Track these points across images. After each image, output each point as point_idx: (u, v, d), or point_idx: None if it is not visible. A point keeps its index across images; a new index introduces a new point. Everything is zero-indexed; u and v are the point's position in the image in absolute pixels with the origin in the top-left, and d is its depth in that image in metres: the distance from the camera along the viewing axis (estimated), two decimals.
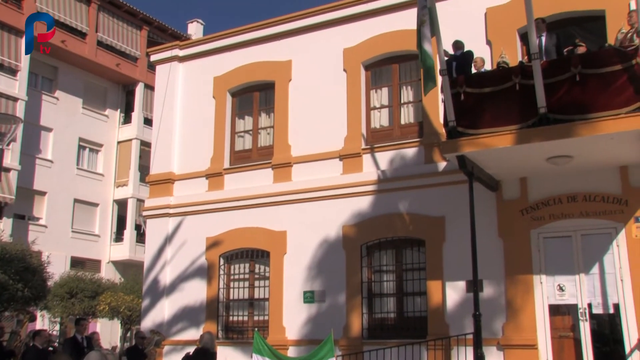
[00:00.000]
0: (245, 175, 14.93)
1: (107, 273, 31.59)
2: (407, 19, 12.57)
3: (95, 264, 31.98)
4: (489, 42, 12.69)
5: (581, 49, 10.46)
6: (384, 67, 14.13)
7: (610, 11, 11.56)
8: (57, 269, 24.66)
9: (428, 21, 10.37)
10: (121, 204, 33.66)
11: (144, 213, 16.57)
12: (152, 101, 26.65)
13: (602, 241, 11.07)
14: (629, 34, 9.97)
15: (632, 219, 10.80)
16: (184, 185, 15.70)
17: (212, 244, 14.87)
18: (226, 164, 15.33)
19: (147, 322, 15.16)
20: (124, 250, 32.77)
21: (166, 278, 15.26)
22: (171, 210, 15.56)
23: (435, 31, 10.39)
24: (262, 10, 64.87)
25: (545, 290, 11.32)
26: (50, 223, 30.15)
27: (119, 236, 33.33)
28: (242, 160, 15.33)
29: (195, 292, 14.82)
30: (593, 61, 9.77)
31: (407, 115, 13.74)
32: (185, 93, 16.34)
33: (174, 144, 16.06)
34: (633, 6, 10.18)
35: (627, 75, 9.39)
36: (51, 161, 30.70)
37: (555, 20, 11.91)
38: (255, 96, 15.60)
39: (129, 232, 32.94)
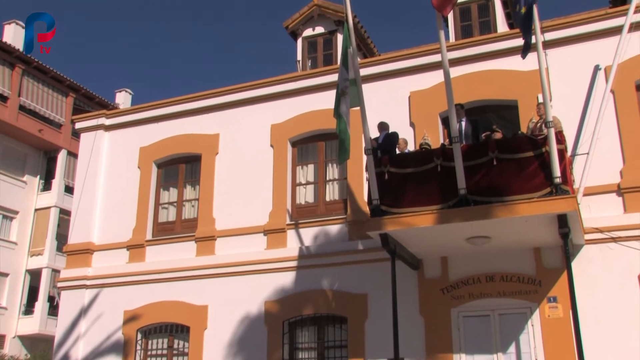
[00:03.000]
0: (168, 248, 14.66)
1: (12, 349, 29.67)
2: (334, 99, 12.94)
3: None
4: (412, 124, 13.19)
5: (498, 135, 11.02)
6: (310, 144, 14.41)
7: (522, 102, 12.34)
8: None
9: (349, 94, 10.79)
10: (34, 274, 32.08)
11: (59, 284, 15.89)
12: (74, 169, 26.02)
13: (518, 321, 11.33)
14: (539, 124, 10.63)
15: (545, 300, 11.15)
16: (103, 256, 15.23)
17: (130, 318, 14.34)
18: (148, 236, 15.03)
19: None
20: (33, 324, 30.97)
21: (79, 353, 14.53)
22: (88, 282, 15.00)
23: (360, 104, 10.75)
24: (192, 83, 65.35)
25: None
26: None
27: (29, 308, 31.54)
28: (165, 232, 15.08)
29: None
30: (508, 147, 10.28)
31: (332, 193, 13.96)
32: (110, 162, 16.08)
33: (95, 213, 15.66)
34: (541, 99, 10.88)
35: (538, 162, 9.92)
36: None
37: (473, 107, 12.57)
38: (181, 168, 15.52)
39: (41, 304, 31.27)
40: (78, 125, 16.69)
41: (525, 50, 10.13)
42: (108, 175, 15.96)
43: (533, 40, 9.89)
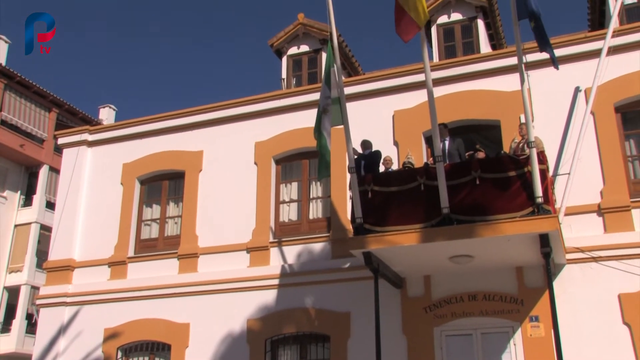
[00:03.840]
0: (150, 265, 14.55)
1: None
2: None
3: None
4: (396, 143, 13.27)
5: (481, 154, 11.13)
6: (294, 162, 14.43)
7: (504, 122, 12.48)
8: None
9: (331, 112, 10.85)
10: (12, 291, 31.57)
11: (38, 301, 15.68)
12: (56, 184, 25.74)
13: (500, 340, 11.35)
14: (521, 144, 10.75)
15: (527, 319, 11.20)
16: (84, 273, 15.07)
17: (110, 336, 14.18)
18: (130, 253, 14.92)
19: None
20: (10, 342, 30.40)
21: None
22: (68, 299, 14.83)
23: (344, 122, 10.81)
24: (176, 100, 65.28)
25: None
26: None
27: (5, 327, 31.00)
28: (148, 249, 14.98)
29: None
30: (491, 166, 10.37)
31: (315, 211, 13.96)
32: (92, 178, 15.98)
33: (77, 229, 15.52)
34: (523, 119, 11.01)
35: (520, 182, 10.01)
36: None
37: (457, 127, 12.68)
38: (164, 185, 15.46)
39: (19, 322, 30.73)
40: (61, 141, 16.59)
41: (554, 61, 10.27)
42: (90, 191, 15.85)
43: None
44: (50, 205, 30.65)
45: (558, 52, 12.50)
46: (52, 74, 59.38)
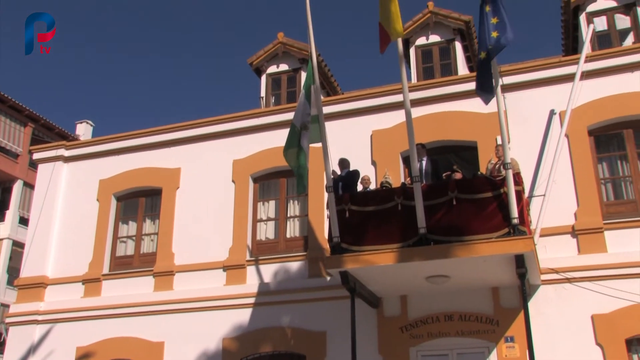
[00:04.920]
0: (125, 282, 14.39)
1: None
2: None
3: None
4: (374, 163, 13.33)
5: (458, 175, 11.22)
6: (272, 181, 14.43)
7: (481, 143, 12.62)
8: None
9: (310, 129, 10.91)
10: None
11: (8, 319, 15.38)
12: (30, 200, 25.45)
13: None
14: (497, 165, 10.87)
15: (502, 339, 11.24)
16: (57, 291, 14.85)
17: (83, 355, 13.95)
18: (105, 270, 14.75)
19: None
20: None
21: None
22: (40, 317, 14.58)
23: (322, 141, 10.87)
24: (155, 116, 65.02)
25: None
26: None
27: None
28: (123, 266, 14.82)
29: None
30: (468, 187, 10.45)
31: (292, 229, 13.94)
32: (68, 194, 15.81)
33: (51, 246, 15.31)
34: (500, 141, 11.15)
35: (496, 203, 10.10)
36: None
37: (434, 147, 12.79)
38: (141, 201, 15.35)
39: None
40: (36, 156, 16.42)
41: (486, 94, 10.18)
42: (65, 208, 15.67)
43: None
44: (24, 221, 30.17)
45: (534, 76, 12.83)
46: (28, 88, 58.87)
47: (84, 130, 37.04)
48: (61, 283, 14.88)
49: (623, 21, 13.93)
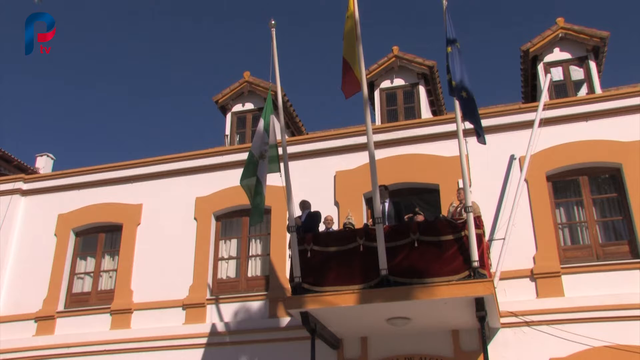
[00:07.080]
0: (81, 320, 14.05)
1: None
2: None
3: None
4: (336, 203, 13.39)
5: (420, 217, 11.31)
6: (234, 219, 14.36)
7: (443, 186, 12.80)
8: None
9: (268, 158, 10.97)
10: None
11: None
12: None
13: None
14: (459, 208, 11.01)
15: None
16: (7, 329, 14.35)
17: None
18: (60, 307, 14.37)
19: None
20: None
21: None
22: None
23: (285, 182, 10.93)
24: (118, 152, 64.26)
25: None
26: None
27: None
28: (79, 303, 14.47)
29: None
30: (429, 229, 10.54)
31: (254, 268, 13.85)
32: (25, 228, 15.47)
33: (3, 281, 14.88)
34: (461, 184, 11.32)
35: (457, 246, 10.20)
36: None
37: (397, 189, 12.91)
38: (100, 237, 15.10)
39: None
40: None
41: (479, 134, 10.36)
42: (21, 242, 15.31)
43: (471, 124, 10.30)
44: None
45: (494, 121, 13.09)
46: None
47: (44, 163, 36.27)
48: (12, 321, 14.41)
49: (577, 73, 14.47)
